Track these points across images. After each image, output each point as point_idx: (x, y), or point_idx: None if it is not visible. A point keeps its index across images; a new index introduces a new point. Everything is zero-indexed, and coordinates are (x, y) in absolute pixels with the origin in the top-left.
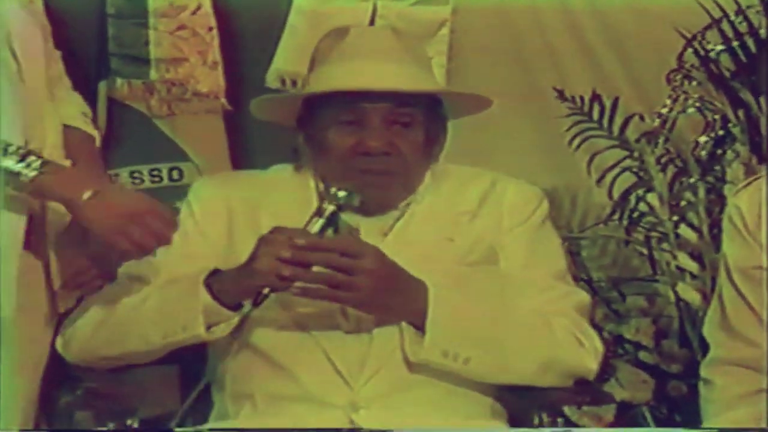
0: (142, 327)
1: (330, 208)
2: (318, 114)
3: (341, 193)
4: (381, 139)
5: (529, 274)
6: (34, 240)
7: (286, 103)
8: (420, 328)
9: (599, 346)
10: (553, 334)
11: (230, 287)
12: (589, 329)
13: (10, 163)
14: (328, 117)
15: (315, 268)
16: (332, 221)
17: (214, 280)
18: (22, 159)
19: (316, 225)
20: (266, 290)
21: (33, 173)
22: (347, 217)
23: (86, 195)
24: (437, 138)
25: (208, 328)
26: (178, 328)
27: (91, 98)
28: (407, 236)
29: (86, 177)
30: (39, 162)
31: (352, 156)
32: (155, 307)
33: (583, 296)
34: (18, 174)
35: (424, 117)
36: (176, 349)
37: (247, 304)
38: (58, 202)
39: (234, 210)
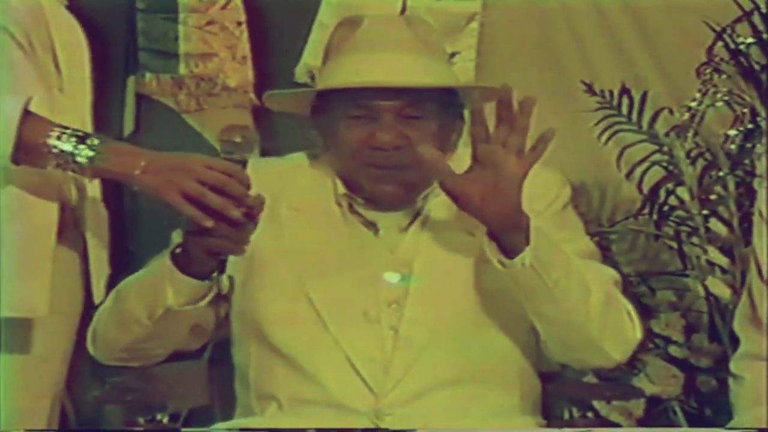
0: (133, 309)
1: (236, 158)
2: (330, 107)
3: (238, 139)
4: (393, 132)
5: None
6: (68, 231)
7: (299, 96)
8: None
9: (639, 322)
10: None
11: (191, 259)
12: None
13: (68, 146)
14: (339, 110)
15: None
16: None
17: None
18: (81, 141)
19: None
20: (222, 255)
21: (90, 153)
22: (365, 212)
23: (139, 168)
24: (453, 126)
25: (194, 301)
26: (157, 304)
27: (119, 93)
28: (427, 231)
29: (138, 151)
30: (96, 142)
31: (363, 150)
32: (140, 287)
33: (616, 273)
34: (75, 155)
35: (437, 108)
36: (204, 344)
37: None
38: (117, 179)
39: None
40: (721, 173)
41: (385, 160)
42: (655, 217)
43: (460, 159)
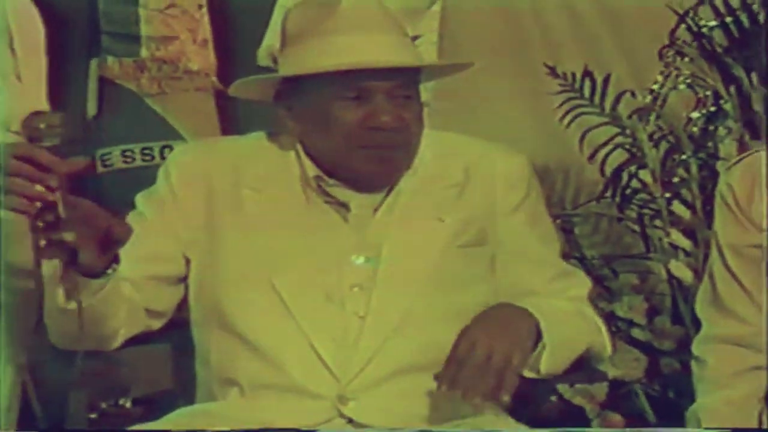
0: (49, 299)
1: (45, 144)
2: (310, 89)
3: (42, 125)
4: (391, 113)
5: (538, 256)
6: None
7: (270, 81)
8: None
9: (609, 338)
10: (589, 322)
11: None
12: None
13: None
14: (327, 92)
15: None
16: None
17: None
18: None
19: None
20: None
21: None
22: (337, 193)
23: None
24: (422, 106)
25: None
26: (54, 297)
27: (81, 77)
28: (395, 213)
29: None
30: None
31: (359, 131)
32: (47, 278)
33: (589, 282)
34: None
35: (418, 88)
36: (167, 327)
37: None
38: None
39: (214, 183)
40: (684, 156)
41: (383, 140)
42: (617, 199)
43: (424, 139)
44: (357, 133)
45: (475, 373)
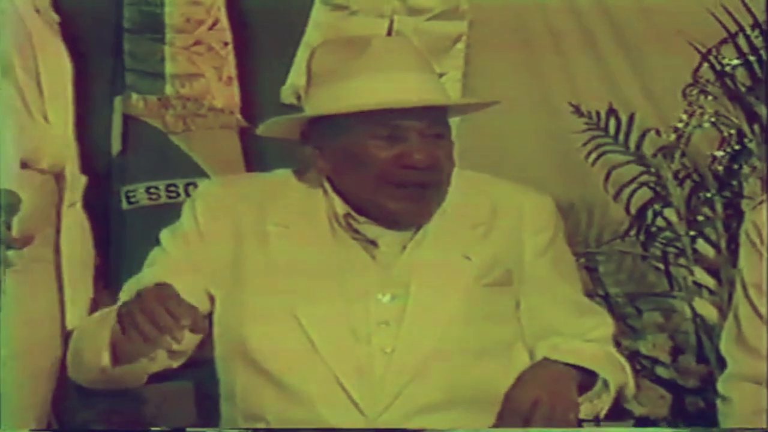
0: (83, 353)
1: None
2: (340, 127)
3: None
4: (424, 151)
5: (565, 295)
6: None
7: (297, 119)
8: None
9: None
10: (616, 363)
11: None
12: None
13: None
14: (359, 131)
15: None
16: None
17: None
18: None
19: None
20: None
21: None
22: (366, 229)
23: None
24: (452, 144)
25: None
26: (97, 358)
27: (106, 114)
28: (422, 250)
29: None
30: None
31: (392, 169)
32: (89, 334)
33: (612, 323)
34: None
35: (448, 126)
36: (189, 364)
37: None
38: None
39: (240, 218)
40: (708, 194)
41: (416, 178)
42: (642, 238)
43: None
44: (390, 171)
45: (538, 429)
